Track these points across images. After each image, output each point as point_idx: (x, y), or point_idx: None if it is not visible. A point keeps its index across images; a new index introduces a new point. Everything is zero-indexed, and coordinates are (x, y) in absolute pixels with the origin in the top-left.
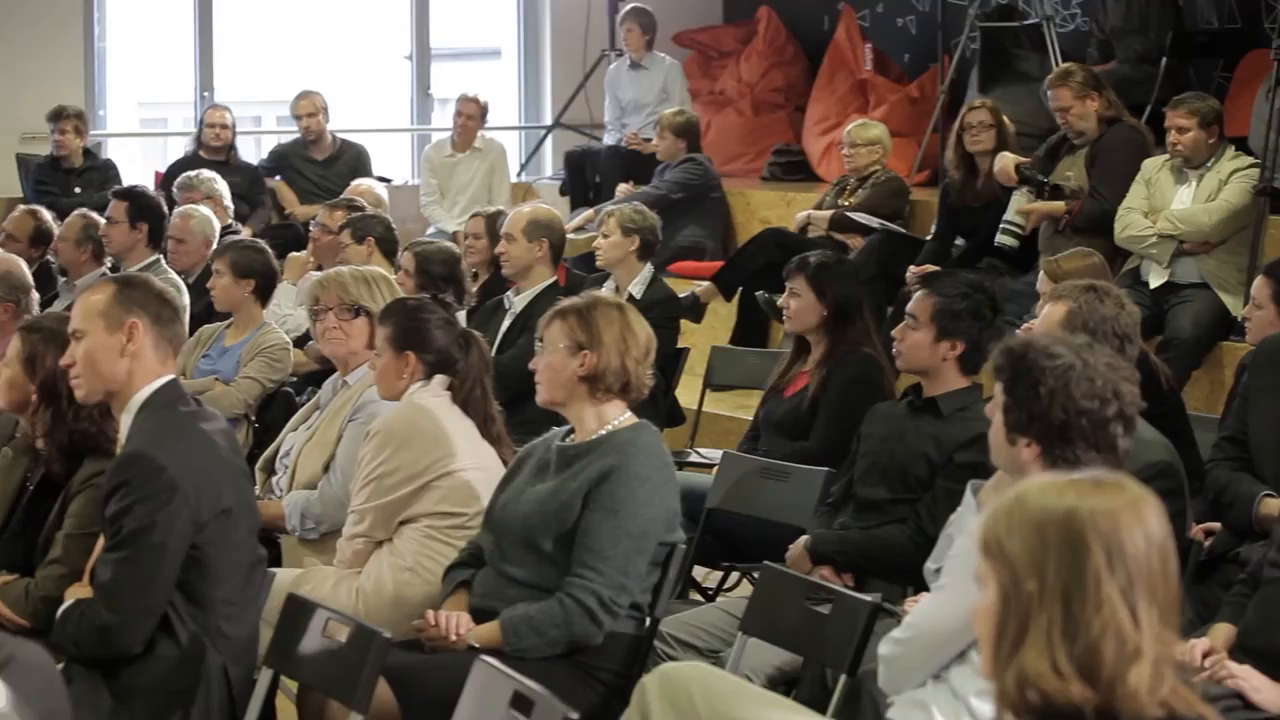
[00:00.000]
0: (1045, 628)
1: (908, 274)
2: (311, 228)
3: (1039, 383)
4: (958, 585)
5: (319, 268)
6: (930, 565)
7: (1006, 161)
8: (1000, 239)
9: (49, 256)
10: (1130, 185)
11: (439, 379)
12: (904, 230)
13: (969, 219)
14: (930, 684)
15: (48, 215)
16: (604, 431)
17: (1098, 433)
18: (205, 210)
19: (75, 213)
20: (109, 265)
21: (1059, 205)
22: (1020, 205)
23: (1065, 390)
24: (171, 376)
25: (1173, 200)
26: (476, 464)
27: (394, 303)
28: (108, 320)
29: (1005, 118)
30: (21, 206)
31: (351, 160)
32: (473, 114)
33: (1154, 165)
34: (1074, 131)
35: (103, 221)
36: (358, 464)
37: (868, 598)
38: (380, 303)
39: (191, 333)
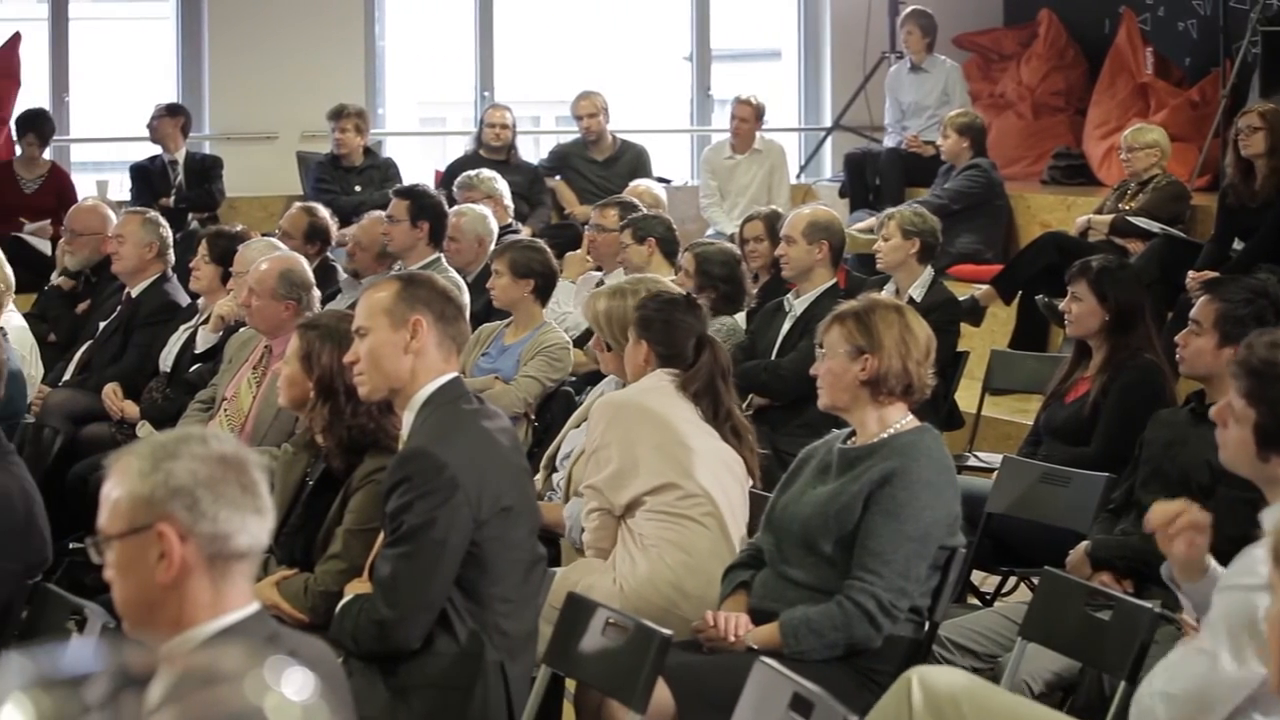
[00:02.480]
0: None
1: (1189, 279)
2: (586, 228)
3: None
4: (1220, 652)
5: (598, 267)
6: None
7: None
8: None
9: (329, 254)
10: None
11: (665, 370)
12: (1184, 235)
13: (1246, 219)
14: None
15: (324, 212)
16: (886, 434)
17: None
18: (479, 209)
19: (374, 218)
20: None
21: None
22: None
23: None
24: (455, 374)
25: None
26: (692, 442)
27: (649, 295)
28: (392, 317)
29: None
30: (297, 204)
31: (632, 160)
32: (746, 116)
33: None
34: None
35: None
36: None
37: (1148, 604)
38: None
39: (471, 331)
